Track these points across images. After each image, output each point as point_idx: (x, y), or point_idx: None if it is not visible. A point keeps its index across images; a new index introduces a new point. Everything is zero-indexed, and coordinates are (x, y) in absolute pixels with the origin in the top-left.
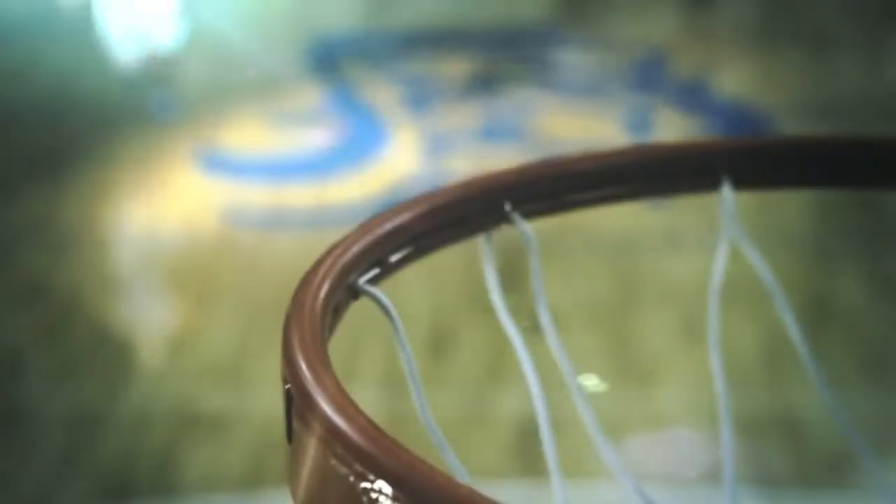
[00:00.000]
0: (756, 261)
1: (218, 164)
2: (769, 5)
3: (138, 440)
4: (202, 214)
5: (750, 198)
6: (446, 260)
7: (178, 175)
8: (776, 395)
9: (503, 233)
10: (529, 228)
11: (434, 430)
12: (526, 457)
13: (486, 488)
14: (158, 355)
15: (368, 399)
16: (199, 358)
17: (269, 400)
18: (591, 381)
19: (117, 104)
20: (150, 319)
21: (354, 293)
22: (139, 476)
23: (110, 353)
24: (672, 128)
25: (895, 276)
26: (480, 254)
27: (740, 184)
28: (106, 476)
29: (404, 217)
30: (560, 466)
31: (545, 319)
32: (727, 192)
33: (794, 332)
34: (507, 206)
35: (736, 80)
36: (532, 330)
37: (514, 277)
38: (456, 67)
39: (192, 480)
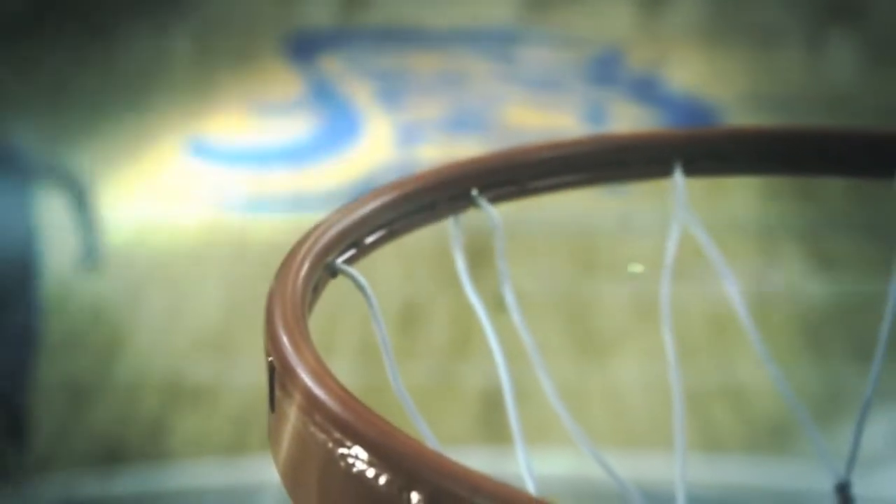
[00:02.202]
0: (705, 242)
1: (205, 152)
2: (718, 4)
3: (131, 408)
4: (190, 198)
5: (699, 184)
6: (417, 242)
7: (168, 162)
8: (723, 366)
9: (470, 217)
10: (495, 212)
11: (406, 400)
12: (491, 424)
13: (453, 454)
14: (150, 330)
15: (345, 370)
16: (188, 332)
17: (253, 371)
18: (637, 267)
19: None
20: (141, 296)
21: (332, 272)
22: (132, 441)
23: (105, 328)
24: (627, 119)
25: (832, 256)
26: (449, 236)
27: (690, 171)
28: (100, 441)
29: (378, 202)
30: (523, 433)
31: (509, 297)
32: (678, 179)
33: (739, 308)
34: (474, 192)
35: (687, 74)
36: (497, 306)
37: (480, 258)
38: (426, 63)
39: (180, 445)
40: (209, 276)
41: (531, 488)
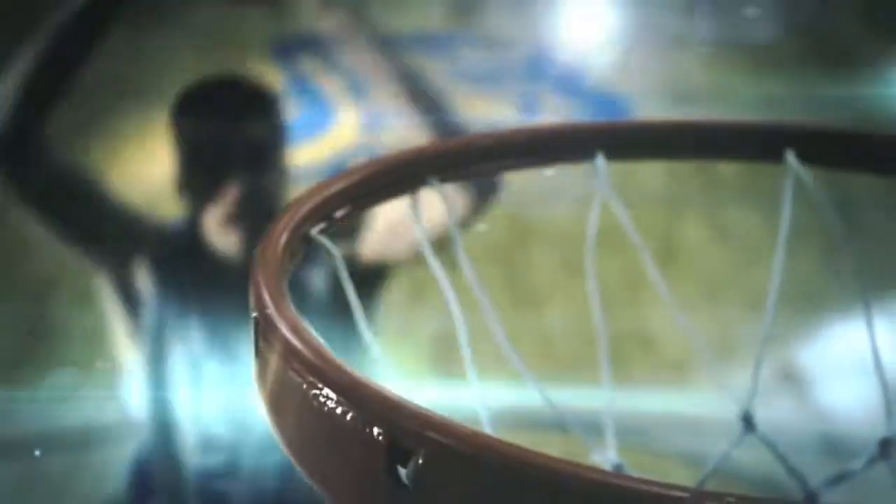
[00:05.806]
0: (621, 212)
1: None
2: (630, 8)
3: None
4: None
5: (616, 165)
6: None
7: (159, 147)
8: (636, 315)
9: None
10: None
11: (371, 345)
12: (441, 364)
13: (410, 389)
14: None
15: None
16: None
17: None
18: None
19: None
20: None
21: (307, 241)
22: None
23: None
24: (556, 112)
25: (727, 223)
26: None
27: (610, 157)
28: None
29: (347, 181)
30: (474, 371)
31: (461, 256)
32: (600, 163)
33: (650, 266)
34: (428, 173)
35: (606, 72)
36: (450, 266)
37: None
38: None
39: None
40: None
41: (484, 418)
